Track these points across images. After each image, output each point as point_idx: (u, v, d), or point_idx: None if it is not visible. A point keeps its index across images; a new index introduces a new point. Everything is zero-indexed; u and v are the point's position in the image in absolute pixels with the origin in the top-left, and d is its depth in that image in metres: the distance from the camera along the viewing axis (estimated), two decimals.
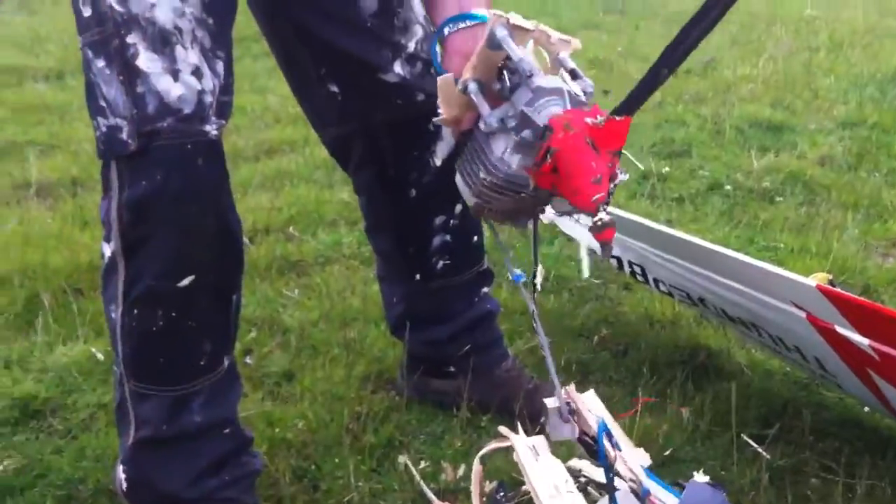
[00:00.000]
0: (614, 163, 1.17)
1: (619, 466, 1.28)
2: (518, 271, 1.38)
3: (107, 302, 1.42)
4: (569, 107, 1.20)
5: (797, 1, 6.64)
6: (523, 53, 1.22)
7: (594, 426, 1.30)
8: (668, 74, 1.18)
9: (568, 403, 1.32)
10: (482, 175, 1.25)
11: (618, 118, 1.14)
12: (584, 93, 1.23)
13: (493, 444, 1.38)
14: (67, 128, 3.75)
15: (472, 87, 1.25)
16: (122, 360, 1.43)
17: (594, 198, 1.13)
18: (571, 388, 1.34)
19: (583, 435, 1.32)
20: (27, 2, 6.57)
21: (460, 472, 1.66)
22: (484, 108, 1.24)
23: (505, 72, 1.26)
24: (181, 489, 1.46)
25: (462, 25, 1.37)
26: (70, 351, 2.10)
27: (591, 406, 1.35)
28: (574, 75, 1.25)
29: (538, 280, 1.40)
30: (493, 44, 1.23)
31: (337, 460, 1.73)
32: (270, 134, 3.78)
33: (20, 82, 4.63)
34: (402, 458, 1.72)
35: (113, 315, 1.41)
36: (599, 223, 1.13)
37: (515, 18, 1.23)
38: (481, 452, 1.38)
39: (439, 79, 1.29)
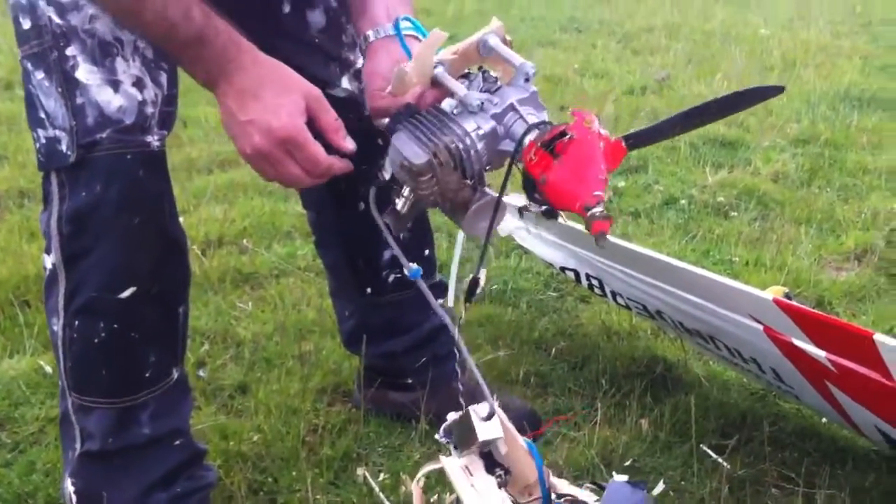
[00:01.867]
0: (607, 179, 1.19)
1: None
2: (414, 266, 1.38)
3: (49, 314, 1.40)
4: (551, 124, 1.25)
5: (752, 21, 6.74)
6: (521, 59, 1.25)
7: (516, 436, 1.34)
8: (678, 132, 1.24)
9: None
10: (447, 139, 1.24)
11: (624, 143, 1.18)
12: None
13: (428, 467, 1.37)
14: (16, 138, 3.68)
15: (441, 70, 1.27)
16: (64, 372, 1.40)
17: (596, 192, 1.14)
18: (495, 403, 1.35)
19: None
20: None
21: (420, 484, 1.63)
22: (459, 87, 1.27)
23: (479, 73, 1.31)
24: (132, 501, 1.43)
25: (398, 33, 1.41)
26: (17, 364, 2.06)
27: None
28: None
29: (481, 286, 1.41)
30: (485, 49, 1.29)
31: (294, 473, 1.70)
32: (225, 146, 3.73)
33: None
34: (361, 471, 1.69)
35: (55, 327, 1.38)
36: (598, 214, 1.14)
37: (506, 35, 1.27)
38: (417, 476, 1.37)
39: (433, 33, 1.29)
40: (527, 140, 1.22)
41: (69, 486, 1.45)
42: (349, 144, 1.31)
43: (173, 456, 1.46)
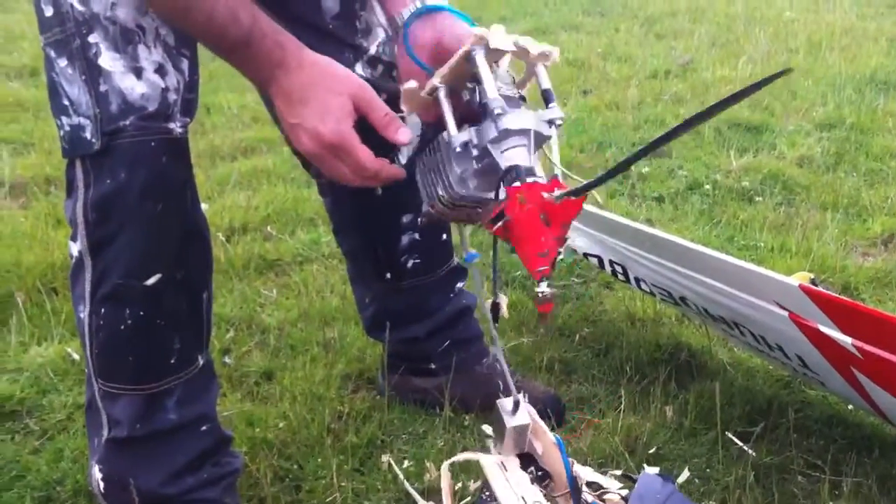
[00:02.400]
0: (563, 235, 1.18)
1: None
2: (473, 250, 1.39)
3: (75, 301, 1.41)
4: (533, 149, 1.22)
5: (776, 3, 6.68)
6: (494, 92, 1.22)
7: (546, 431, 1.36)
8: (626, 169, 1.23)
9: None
10: (440, 191, 1.27)
11: (574, 198, 1.16)
12: (555, 123, 1.24)
13: (462, 456, 1.39)
14: (42, 125, 3.70)
15: (442, 93, 1.26)
16: (90, 359, 1.41)
17: (538, 269, 1.15)
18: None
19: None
20: (1, 0, 6.50)
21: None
22: (451, 124, 1.24)
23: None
24: (159, 486, 1.44)
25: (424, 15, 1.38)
26: (45, 351, 2.07)
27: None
28: (546, 97, 1.26)
29: (503, 308, 1.43)
30: (472, 63, 1.24)
31: (319, 460, 1.71)
32: (248, 133, 3.75)
33: None
34: (386, 458, 1.70)
35: (81, 315, 1.39)
36: (541, 296, 1.17)
37: (496, 40, 1.23)
38: (448, 462, 1.38)
39: (403, 88, 1.29)
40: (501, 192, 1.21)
41: (96, 473, 1.47)
42: (402, 137, 1.29)
43: (200, 442, 1.47)
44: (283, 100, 1.27)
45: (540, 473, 1.35)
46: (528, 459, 1.38)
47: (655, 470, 1.36)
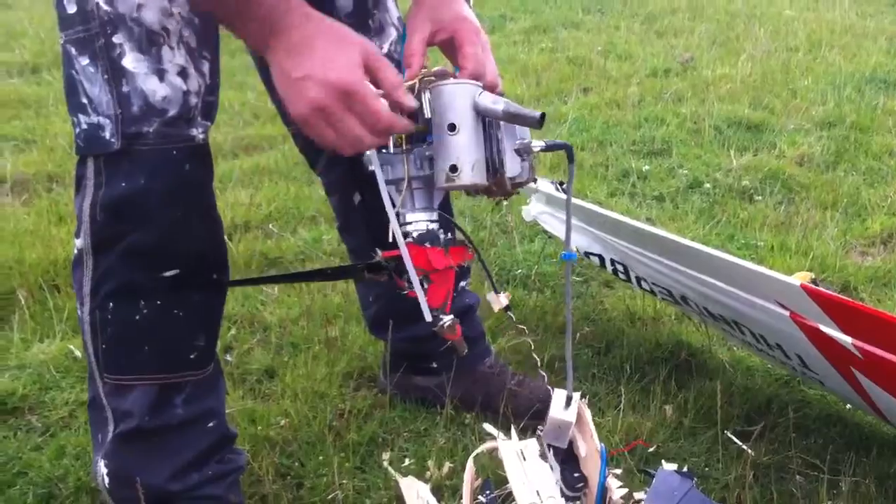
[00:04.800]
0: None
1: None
2: (574, 248, 1.41)
3: (77, 296, 1.40)
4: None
5: (776, 1, 6.68)
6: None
7: (594, 436, 1.36)
8: None
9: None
10: None
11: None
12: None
13: (486, 445, 1.39)
14: (44, 122, 3.71)
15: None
16: (95, 355, 1.41)
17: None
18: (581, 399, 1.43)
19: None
20: None
21: (445, 469, 1.65)
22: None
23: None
24: (165, 482, 1.44)
25: None
26: (47, 348, 2.08)
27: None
28: None
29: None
30: None
31: (320, 458, 1.72)
32: (249, 130, 3.76)
33: None
34: (387, 456, 1.71)
35: (84, 309, 1.39)
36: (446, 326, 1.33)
37: None
38: (474, 453, 1.39)
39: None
40: None
41: (102, 468, 1.47)
42: (411, 101, 1.24)
43: (206, 438, 1.47)
44: (288, 55, 1.18)
45: (577, 475, 1.35)
46: (573, 461, 1.38)
47: (673, 466, 1.35)
